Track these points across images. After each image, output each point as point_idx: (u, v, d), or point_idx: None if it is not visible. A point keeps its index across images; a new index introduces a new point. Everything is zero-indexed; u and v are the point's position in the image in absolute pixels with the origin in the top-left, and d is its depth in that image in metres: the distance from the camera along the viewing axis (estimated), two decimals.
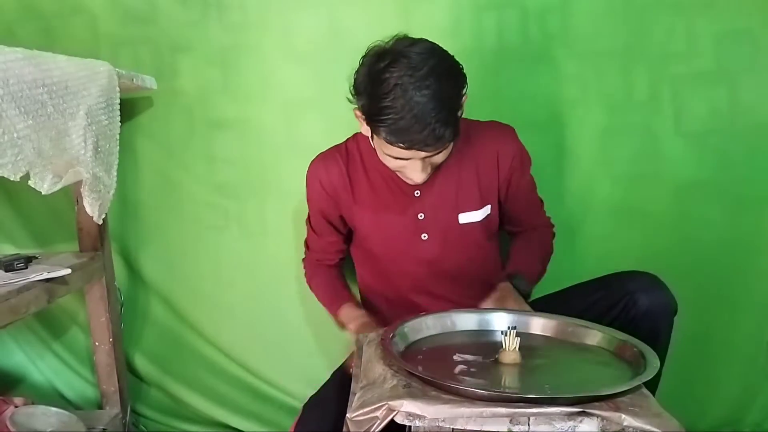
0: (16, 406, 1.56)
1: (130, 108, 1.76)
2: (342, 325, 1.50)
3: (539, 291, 1.56)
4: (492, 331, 1.21)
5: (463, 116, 1.25)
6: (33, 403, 1.62)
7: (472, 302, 1.35)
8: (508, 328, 1.08)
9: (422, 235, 1.42)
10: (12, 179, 1.15)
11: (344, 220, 1.49)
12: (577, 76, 1.70)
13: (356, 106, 1.26)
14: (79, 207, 1.65)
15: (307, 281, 1.64)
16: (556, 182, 1.71)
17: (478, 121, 1.44)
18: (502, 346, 1.07)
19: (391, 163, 1.26)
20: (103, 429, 1.63)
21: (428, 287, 1.47)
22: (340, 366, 1.46)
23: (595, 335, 1.15)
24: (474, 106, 1.35)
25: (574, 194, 1.75)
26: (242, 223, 1.84)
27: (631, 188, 1.73)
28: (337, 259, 1.60)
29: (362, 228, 1.47)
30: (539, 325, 1.21)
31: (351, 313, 1.47)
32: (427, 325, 1.20)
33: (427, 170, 1.26)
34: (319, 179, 1.45)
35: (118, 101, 1.54)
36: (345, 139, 1.50)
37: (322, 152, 1.49)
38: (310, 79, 1.76)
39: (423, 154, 1.20)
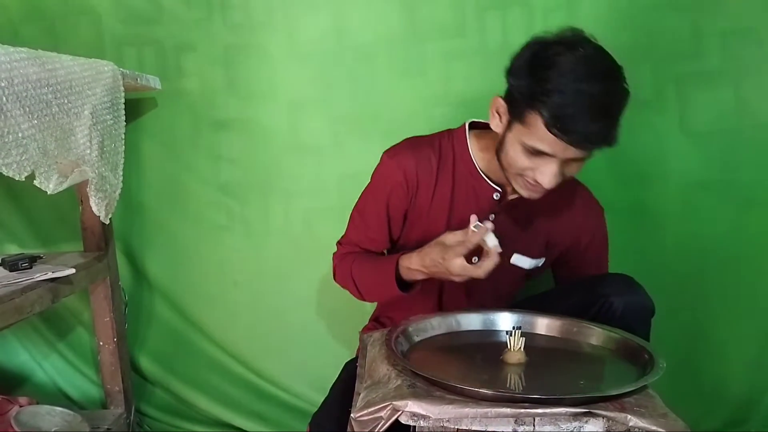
0: (21, 406, 1.56)
1: (134, 108, 1.76)
2: (411, 270, 1.26)
3: (527, 291, 1.56)
4: (497, 331, 1.21)
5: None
6: (37, 403, 1.62)
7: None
8: (513, 328, 1.08)
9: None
10: (17, 179, 1.15)
11: (405, 218, 1.39)
12: None
13: (504, 93, 1.20)
14: (84, 207, 1.66)
15: (337, 277, 1.45)
16: None
17: (579, 181, 1.40)
18: (507, 346, 1.06)
19: (523, 161, 1.17)
20: (108, 429, 1.63)
21: (454, 295, 1.42)
22: (337, 378, 1.44)
23: (600, 335, 1.14)
24: (478, 106, 1.34)
25: None
26: (246, 223, 1.84)
27: (636, 188, 1.73)
28: (381, 251, 1.45)
29: (423, 226, 1.37)
30: (544, 325, 1.20)
31: (410, 255, 1.27)
32: (432, 325, 1.20)
33: (558, 177, 1.16)
34: (404, 168, 1.32)
35: (123, 101, 1.54)
36: (435, 133, 1.39)
37: (411, 140, 1.38)
38: (315, 79, 1.76)
39: (570, 153, 1.12)
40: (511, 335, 1.06)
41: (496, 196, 1.32)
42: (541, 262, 1.41)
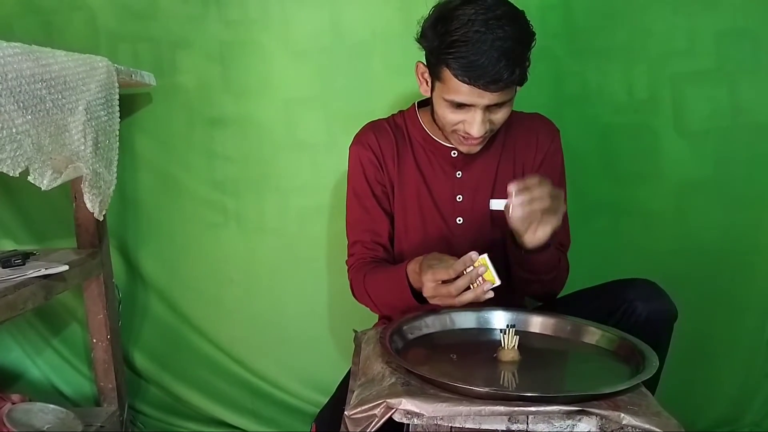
0: (14, 403, 1.56)
1: (129, 104, 1.76)
2: (418, 282, 1.22)
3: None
4: (491, 330, 1.20)
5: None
6: (30, 400, 1.62)
7: None
8: (507, 326, 1.08)
9: (458, 219, 1.39)
10: (11, 174, 1.15)
11: (386, 194, 1.43)
12: (577, 74, 1.70)
13: (422, 60, 1.28)
14: (78, 203, 1.65)
15: (356, 293, 1.42)
16: None
17: (523, 112, 1.42)
18: (501, 345, 1.06)
19: (451, 116, 1.24)
20: (101, 426, 1.63)
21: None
22: (346, 374, 1.43)
23: (594, 334, 1.14)
24: None
25: (574, 193, 1.74)
26: (241, 220, 1.84)
27: (631, 187, 1.73)
28: (386, 240, 1.43)
29: (401, 202, 1.42)
30: (538, 323, 1.21)
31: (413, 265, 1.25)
32: (426, 324, 1.20)
33: (486, 125, 1.22)
34: (368, 144, 1.41)
35: (117, 97, 1.54)
36: (389, 115, 1.47)
37: (370, 122, 1.46)
38: (310, 76, 1.75)
39: (487, 99, 1.17)
40: (505, 333, 1.06)
41: (453, 153, 1.38)
42: None
